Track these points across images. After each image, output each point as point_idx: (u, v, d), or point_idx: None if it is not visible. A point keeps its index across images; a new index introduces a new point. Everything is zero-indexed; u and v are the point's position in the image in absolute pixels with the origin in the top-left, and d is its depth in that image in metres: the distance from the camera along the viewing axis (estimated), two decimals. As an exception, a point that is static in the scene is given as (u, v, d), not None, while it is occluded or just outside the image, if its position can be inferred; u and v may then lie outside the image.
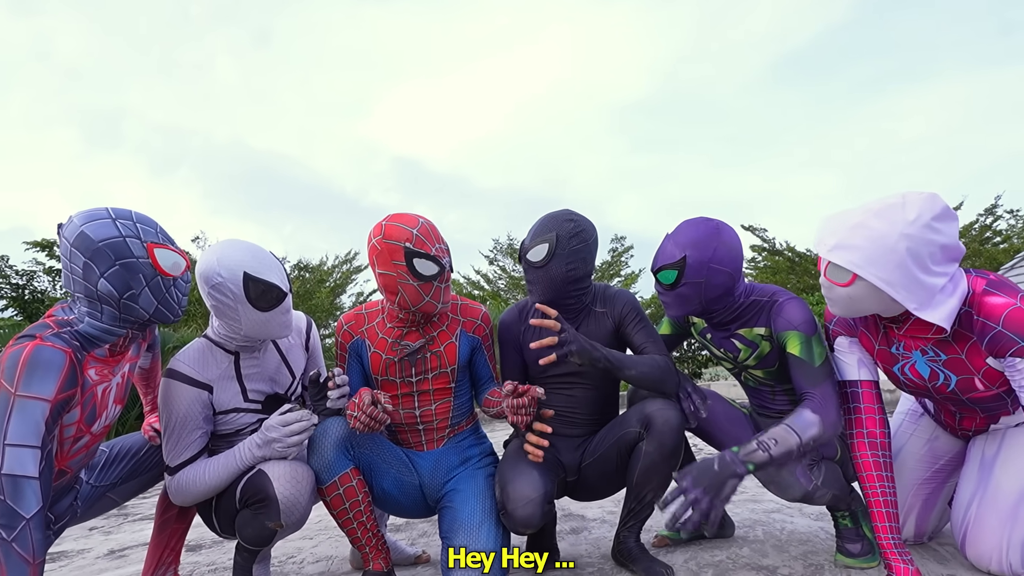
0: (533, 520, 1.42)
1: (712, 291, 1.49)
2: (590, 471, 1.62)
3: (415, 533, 2.24)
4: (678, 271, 1.48)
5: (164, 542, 1.60)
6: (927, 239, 1.15)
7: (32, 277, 9.40)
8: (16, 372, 1.09)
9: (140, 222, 1.25)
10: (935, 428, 1.59)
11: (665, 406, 1.48)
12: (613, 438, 1.57)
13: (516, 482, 1.45)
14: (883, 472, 1.32)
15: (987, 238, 12.41)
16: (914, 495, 1.59)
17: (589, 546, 1.90)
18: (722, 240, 1.48)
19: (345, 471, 1.44)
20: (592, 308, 1.67)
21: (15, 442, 1.06)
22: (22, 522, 1.04)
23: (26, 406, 1.08)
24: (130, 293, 1.21)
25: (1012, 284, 1.22)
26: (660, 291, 1.55)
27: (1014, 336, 1.16)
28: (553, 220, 1.58)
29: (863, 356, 1.40)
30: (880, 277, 1.16)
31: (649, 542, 1.86)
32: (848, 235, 1.20)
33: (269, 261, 1.44)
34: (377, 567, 1.52)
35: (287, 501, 1.35)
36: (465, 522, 1.45)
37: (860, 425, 1.37)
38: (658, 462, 1.47)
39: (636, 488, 1.53)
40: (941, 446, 1.58)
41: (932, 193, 1.19)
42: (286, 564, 1.96)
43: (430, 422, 1.62)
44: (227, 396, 1.48)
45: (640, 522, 1.59)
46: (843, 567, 1.56)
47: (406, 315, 1.55)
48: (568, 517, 2.29)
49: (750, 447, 1.30)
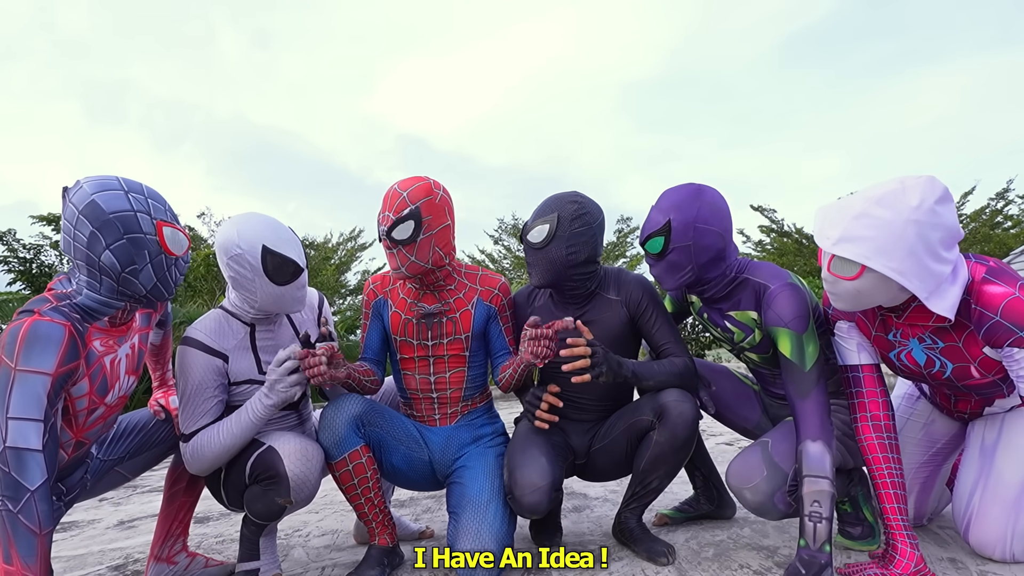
0: (540, 507, 1.43)
1: (702, 254, 1.44)
2: (599, 455, 1.62)
3: (419, 509, 2.27)
4: (664, 236, 1.44)
5: (173, 514, 1.62)
6: (934, 223, 1.12)
7: (39, 251, 9.44)
8: (16, 347, 1.10)
9: (151, 197, 1.25)
10: (931, 411, 1.58)
11: (681, 398, 1.47)
12: (624, 425, 1.57)
13: (524, 468, 1.46)
14: (889, 454, 1.31)
15: (997, 223, 12.28)
16: (912, 478, 1.60)
17: (591, 524, 1.92)
18: (704, 199, 1.44)
19: (355, 448, 1.45)
20: (602, 294, 1.64)
21: (17, 415, 1.07)
22: (27, 494, 1.06)
23: (27, 380, 1.09)
24: (132, 268, 1.21)
25: (1012, 272, 1.20)
26: (651, 263, 1.51)
27: (1012, 326, 1.14)
28: (557, 201, 1.55)
29: (862, 340, 1.39)
30: (891, 267, 1.13)
31: (649, 521, 1.88)
32: (852, 226, 1.16)
33: (288, 236, 1.46)
34: (383, 542, 1.54)
35: (297, 478, 1.37)
36: (473, 499, 1.46)
37: (864, 409, 1.35)
38: (668, 452, 1.47)
39: (642, 474, 1.53)
40: (938, 429, 1.58)
41: (930, 176, 1.16)
42: (292, 537, 1.99)
43: (444, 391, 1.63)
44: (242, 367, 1.49)
45: (643, 505, 1.60)
46: (842, 548, 1.57)
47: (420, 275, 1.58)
48: (571, 495, 2.31)
49: (808, 528, 1.26)
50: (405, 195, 1.48)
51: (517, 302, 1.74)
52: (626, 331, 1.62)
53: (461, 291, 1.63)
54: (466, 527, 1.41)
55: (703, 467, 1.85)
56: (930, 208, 1.12)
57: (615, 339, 1.61)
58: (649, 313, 1.60)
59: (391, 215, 1.47)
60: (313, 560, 1.73)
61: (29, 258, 9.32)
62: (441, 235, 1.53)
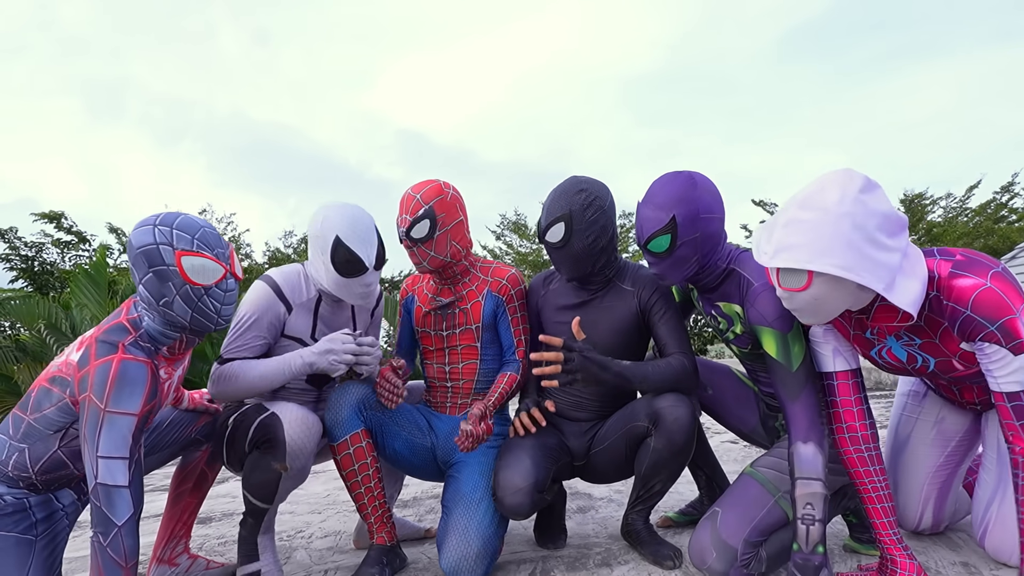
0: (521, 509, 1.43)
1: (708, 243, 1.41)
2: (599, 459, 1.60)
3: (422, 509, 2.25)
4: (671, 234, 1.39)
5: (177, 516, 1.61)
6: (864, 212, 1.08)
7: (41, 249, 9.44)
8: (106, 389, 1.16)
9: (179, 228, 1.24)
10: (941, 407, 1.53)
11: (676, 402, 1.44)
12: (621, 429, 1.55)
13: (507, 469, 1.46)
14: (870, 467, 1.27)
15: (1002, 216, 12.25)
16: (930, 484, 1.54)
17: (596, 525, 1.91)
18: (701, 187, 1.41)
19: (356, 431, 1.49)
20: (618, 283, 1.63)
21: (106, 454, 1.14)
22: (115, 529, 1.13)
23: (115, 421, 1.16)
24: (164, 300, 1.23)
25: (983, 261, 1.14)
26: (654, 261, 1.46)
27: (982, 320, 1.10)
28: (564, 195, 1.53)
29: (839, 344, 1.32)
30: (836, 264, 1.08)
31: (654, 522, 1.86)
32: (784, 235, 1.13)
33: (365, 235, 1.52)
34: (380, 540, 1.53)
35: (294, 444, 1.39)
36: (466, 495, 1.48)
37: (839, 420, 1.30)
38: (667, 458, 1.46)
39: (644, 479, 1.52)
40: (950, 427, 1.52)
41: (845, 169, 1.13)
42: (295, 539, 1.98)
43: (457, 380, 1.68)
44: (299, 325, 1.56)
45: (648, 507, 1.59)
46: (851, 551, 1.55)
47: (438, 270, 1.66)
48: (575, 496, 2.29)
49: (801, 531, 1.23)
50: (418, 197, 1.58)
51: (532, 287, 1.75)
52: (634, 323, 1.60)
53: (474, 283, 1.69)
54: (455, 523, 1.44)
55: (706, 467, 1.83)
56: (854, 198, 1.08)
57: (622, 330, 1.60)
58: (659, 309, 1.58)
59: (408, 217, 1.57)
60: (316, 563, 1.72)
61: (31, 256, 9.33)
62: (456, 230, 1.62)
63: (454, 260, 1.63)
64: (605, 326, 1.60)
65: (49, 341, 6.20)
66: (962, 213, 12.65)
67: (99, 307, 6.45)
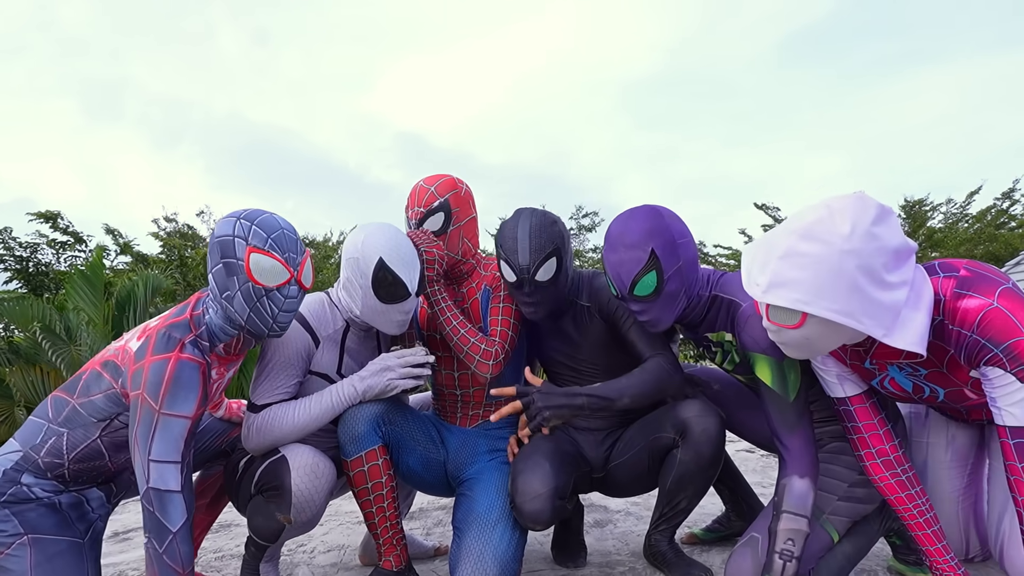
0: (543, 516, 1.32)
1: (691, 270, 1.32)
2: (619, 470, 1.50)
3: (430, 522, 2.15)
4: (655, 270, 1.27)
5: None
6: (874, 249, 0.95)
7: (36, 249, 9.32)
8: (161, 390, 1.12)
9: (260, 225, 1.20)
10: (946, 426, 1.40)
11: (703, 412, 1.35)
12: (644, 440, 1.45)
13: (526, 474, 1.35)
14: (911, 490, 1.17)
15: (1002, 223, 12.22)
16: (964, 508, 1.41)
17: (616, 541, 1.81)
18: (667, 215, 1.32)
19: (373, 448, 1.37)
20: (576, 301, 1.53)
21: (159, 458, 1.10)
22: (169, 535, 1.09)
23: (169, 424, 1.11)
24: (227, 294, 1.20)
25: (990, 276, 1.01)
26: (642, 308, 1.31)
27: (987, 343, 0.98)
28: (544, 229, 1.40)
29: (841, 369, 1.21)
30: (835, 310, 0.96)
31: (678, 539, 1.76)
32: (780, 268, 1.00)
33: (409, 259, 1.39)
34: (388, 565, 1.41)
35: (301, 495, 1.28)
36: (481, 516, 1.36)
37: (865, 445, 1.20)
38: (695, 472, 1.36)
39: (669, 495, 1.42)
40: (962, 446, 1.39)
41: (858, 194, 1.00)
42: (296, 553, 1.88)
43: (467, 388, 1.58)
44: (326, 359, 1.45)
45: (673, 526, 1.48)
46: (897, 574, 1.45)
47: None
48: (591, 508, 2.19)
49: (776, 566, 1.14)
50: (433, 189, 1.50)
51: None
52: (611, 336, 1.50)
53: (475, 280, 1.58)
54: (469, 548, 1.31)
55: (729, 480, 1.72)
56: (865, 232, 0.95)
57: (604, 348, 1.51)
58: (622, 315, 1.46)
59: (421, 209, 1.50)
60: (319, 581, 1.62)
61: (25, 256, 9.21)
62: (468, 226, 1.55)
63: (464, 258, 1.55)
64: (585, 350, 1.52)
65: (43, 343, 6.09)
66: (963, 219, 12.63)
67: (94, 309, 6.33)
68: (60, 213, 9.47)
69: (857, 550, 1.27)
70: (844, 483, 1.27)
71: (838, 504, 1.25)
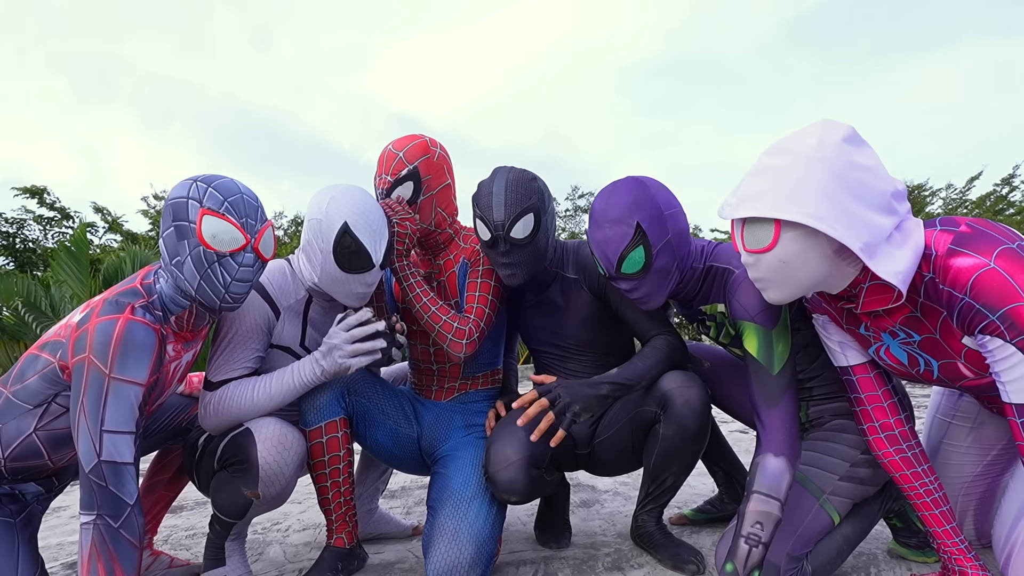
0: (516, 486, 1.24)
1: (682, 243, 1.24)
2: (604, 448, 1.42)
3: (411, 501, 2.07)
4: (642, 245, 1.20)
5: (146, 508, 1.45)
6: (847, 162, 0.90)
7: (23, 225, 9.17)
8: (110, 350, 1.02)
9: (216, 188, 1.10)
10: (978, 411, 1.30)
11: (685, 382, 1.27)
12: (627, 415, 1.37)
13: (500, 443, 1.28)
14: (917, 467, 1.09)
15: (1000, 209, 12.19)
16: (965, 495, 1.33)
17: (603, 521, 1.73)
18: (652, 186, 1.24)
19: (334, 419, 1.29)
20: (562, 273, 1.44)
21: (113, 428, 1.01)
22: (127, 508, 1.01)
23: (121, 390, 1.02)
24: (176, 259, 1.10)
25: (992, 234, 0.92)
26: (632, 286, 1.24)
27: (982, 308, 0.89)
28: (520, 184, 1.31)
29: (843, 336, 1.14)
30: (806, 212, 0.89)
31: (667, 519, 1.69)
32: (751, 185, 0.96)
33: (377, 227, 1.29)
34: (339, 543, 1.34)
35: (268, 468, 1.19)
36: (455, 493, 1.28)
37: (868, 418, 1.12)
38: (679, 446, 1.28)
39: (654, 472, 1.34)
40: (989, 434, 1.29)
41: (827, 119, 0.95)
42: (270, 531, 1.80)
43: (443, 363, 1.49)
44: (288, 331, 1.35)
45: (660, 505, 1.41)
46: (898, 557, 1.38)
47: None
48: (578, 488, 2.12)
49: (740, 551, 1.04)
50: (401, 155, 1.39)
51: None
52: (597, 312, 1.42)
53: (453, 252, 1.47)
54: (443, 526, 1.23)
55: (723, 462, 1.64)
56: (836, 145, 0.91)
57: (589, 324, 1.43)
58: (617, 297, 1.38)
59: (388, 177, 1.39)
60: (290, 560, 1.54)
61: (12, 232, 9.05)
62: (442, 195, 1.43)
63: (438, 228, 1.44)
64: (570, 325, 1.43)
65: (28, 319, 5.99)
66: (962, 204, 12.58)
67: (80, 285, 6.22)
68: (46, 188, 9.29)
69: (858, 532, 1.20)
70: (846, 462, 1.19)
71: (839, 484, 1.17)
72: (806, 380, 1.29)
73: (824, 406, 1.27)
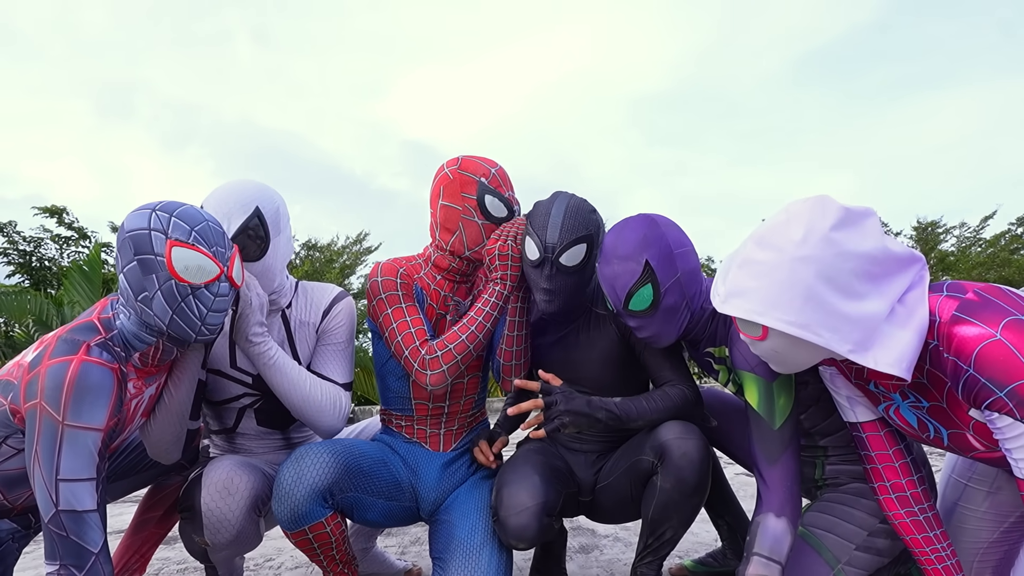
0: (528, 532, 1.20)
1: (691, 281, 1.23)
2: (604, 495, 1.39)
3: (407, 540, 2.03)
4: (651, 282, 1.19)
5: (136, 546, 1.41)
6: (836, 254, 0.87)
7: (40, 244, 9.31)
8: (62, 396, 0.96)
9: (180, 217, 1.05)
10: (996, 475, 1.22)
11: (683, 433, 1.23)
12: (626, 464, 1.33)
13: (513, 486, 1.24)
14: (929, 532, 1.05)
15: (1016, 248, 12.03)
16: (980, 562, 1.24)
17: (601, 569, 1.69)
18: (663, 224, 1.23)
19: (319, 520, 1.18)
20: (593, 310, 1.42)
21: (69, 477, 0.97)
22: (91, 557, 0.97)
23: (77, 437, 0.97)
24: (144, 295, 1.04)
25: (999, 304, 0.88)
26: (641, 323, 1.23)
27: (988, 382, 0.84)
28: (579, 213, 1.29)
29: (851, 391, 1.10)
30: (788, 321, 0.88)
31: (666, 569, 1.64)
32: (737, 277, 0.94)
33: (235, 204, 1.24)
34: None
35: (211, 516, 1.15)
36: (463, 542, 1.23)
37: (879, 477, 1.09)
38: (677, 500, 1.24)
39: (652, 524, 1.30)
40: (1007, 499, 1.20)
41: (820, 197, 0.91)
42: (263, 568, 1.77)
43: (459, 399, 1.43)
44: (215, 352, 1.32)
45: (660, 558, 1.36)
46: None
47: (459, 263, 1.38)
48: (577, 532, 2.07)
49: None
50: (494, 172, 1.42)
51: None
52: (621, 353, 1.39)
53: (483, 278, 1.47)
54: None
55: (728, 515, 1.59)
56: (823, 238, 0.87)
57: (612, 364, 1.40)
58: (641, 340, 1.35)
59: (516, 197, 1.44)
60: (280, 601, 1.51)
61: (29, 251, 9.19)
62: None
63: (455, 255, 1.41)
64: (590, 363, 1.40)
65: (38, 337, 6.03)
66: (976, 243, 12.45)
67: (91, 304, 6.28)
68: (66, 208, 9.46)
69: None
70: (864, 531, 1.14)
71: (855, 554, 1.12)
72: (819, 438, 1.25)
73: (842, 467, 1.23)
